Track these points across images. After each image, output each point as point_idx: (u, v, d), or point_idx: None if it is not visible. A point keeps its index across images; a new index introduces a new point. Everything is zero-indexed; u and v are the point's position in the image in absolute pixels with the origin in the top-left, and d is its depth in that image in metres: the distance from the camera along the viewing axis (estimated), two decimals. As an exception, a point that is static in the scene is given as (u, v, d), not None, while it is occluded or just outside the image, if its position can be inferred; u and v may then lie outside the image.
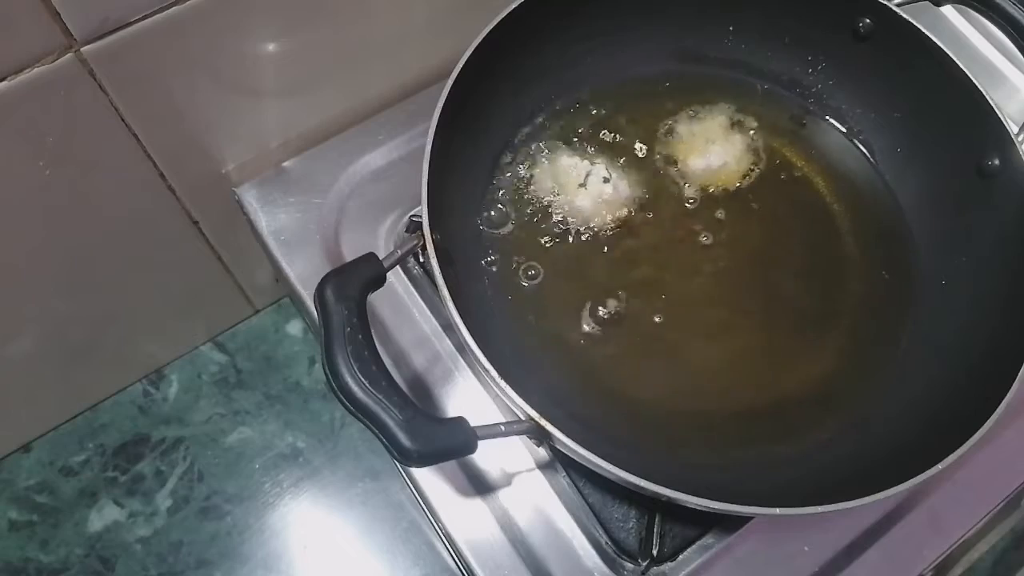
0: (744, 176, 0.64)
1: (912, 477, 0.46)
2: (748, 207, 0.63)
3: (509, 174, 0.63)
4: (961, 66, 0.57)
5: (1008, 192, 0.57)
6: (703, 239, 0.62)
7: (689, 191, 0.63)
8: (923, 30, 0.59)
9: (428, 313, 0.63)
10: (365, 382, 0.43)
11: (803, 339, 0.60)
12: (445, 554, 0.75)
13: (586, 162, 0.63)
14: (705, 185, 0.64)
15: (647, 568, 0.56)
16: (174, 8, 0.50)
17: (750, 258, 0.61)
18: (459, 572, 0.62)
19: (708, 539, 0.58)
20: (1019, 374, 0.49)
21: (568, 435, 0.45)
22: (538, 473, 0.59)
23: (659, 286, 0.60)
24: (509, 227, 0.61)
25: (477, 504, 0.58)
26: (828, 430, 0.56)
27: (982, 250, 0.59)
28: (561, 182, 0.62)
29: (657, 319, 0.59)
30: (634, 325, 0.58)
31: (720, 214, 0.63)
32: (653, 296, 0.59)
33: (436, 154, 0.51)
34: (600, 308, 0.59)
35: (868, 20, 0.61)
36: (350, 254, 0.64)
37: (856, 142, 0.66)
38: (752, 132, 0.66)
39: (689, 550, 0.58)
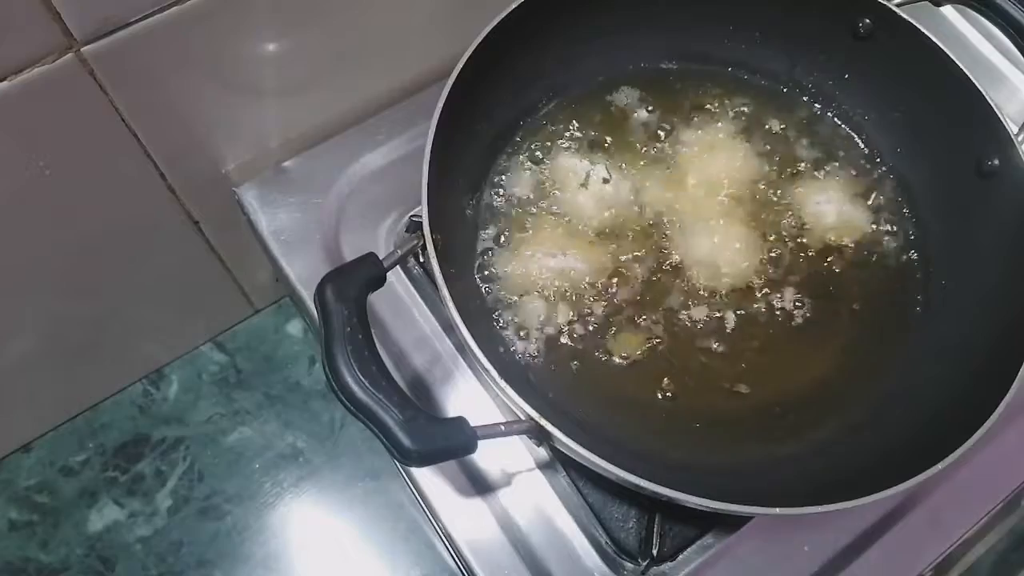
0: (744, 175, 0.64)
1: (912, 477, 0.46)
2: (748, 207, 0.63)
3: (509, 174, 0.63)
4: (961, 66, 0.58)
5: (1008, 192, 0.57)
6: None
7: (690, 190, 0.63)
8: (923, 30, 0.59)
9: (428, 313, 0.63)
10: (365, 382, 0.43)
11: (804, 340, 0.60)
12: (445, 554, 0.75)
13: (586, 162, 0.63)
14: (706, 184, 0.63)
15: (647, 568, 0.56)
16: (174, 8, 0.50)
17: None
18: (459, 572, 0.62)
19: (708, 539, 0.58)
20: (1019, 374, 0.49)
21: (568, 435, 0.45)
22: (538, 473, 0.59)
23: (659, 286, 0.60)
24: (509, 226, 0.61)
25: (477, 504, 0.58)
26: (828, 430, 0.56)
27: (982, 250, 0.59)
28: (561, 182, 0.62)
29: (657, 319, 0.59)
30: (634, 325, 0.58)
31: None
32: (653, 296, 0.59)
33: (436, 154, 0.51)
34: (600, 307, 0.59)
35: (868, 20, 0.61)
36: (350, 254, 0.64)
37: (856, 142, 0.66)
38: (752, 131, 0.66)
39: (689, 550, 0.58)
